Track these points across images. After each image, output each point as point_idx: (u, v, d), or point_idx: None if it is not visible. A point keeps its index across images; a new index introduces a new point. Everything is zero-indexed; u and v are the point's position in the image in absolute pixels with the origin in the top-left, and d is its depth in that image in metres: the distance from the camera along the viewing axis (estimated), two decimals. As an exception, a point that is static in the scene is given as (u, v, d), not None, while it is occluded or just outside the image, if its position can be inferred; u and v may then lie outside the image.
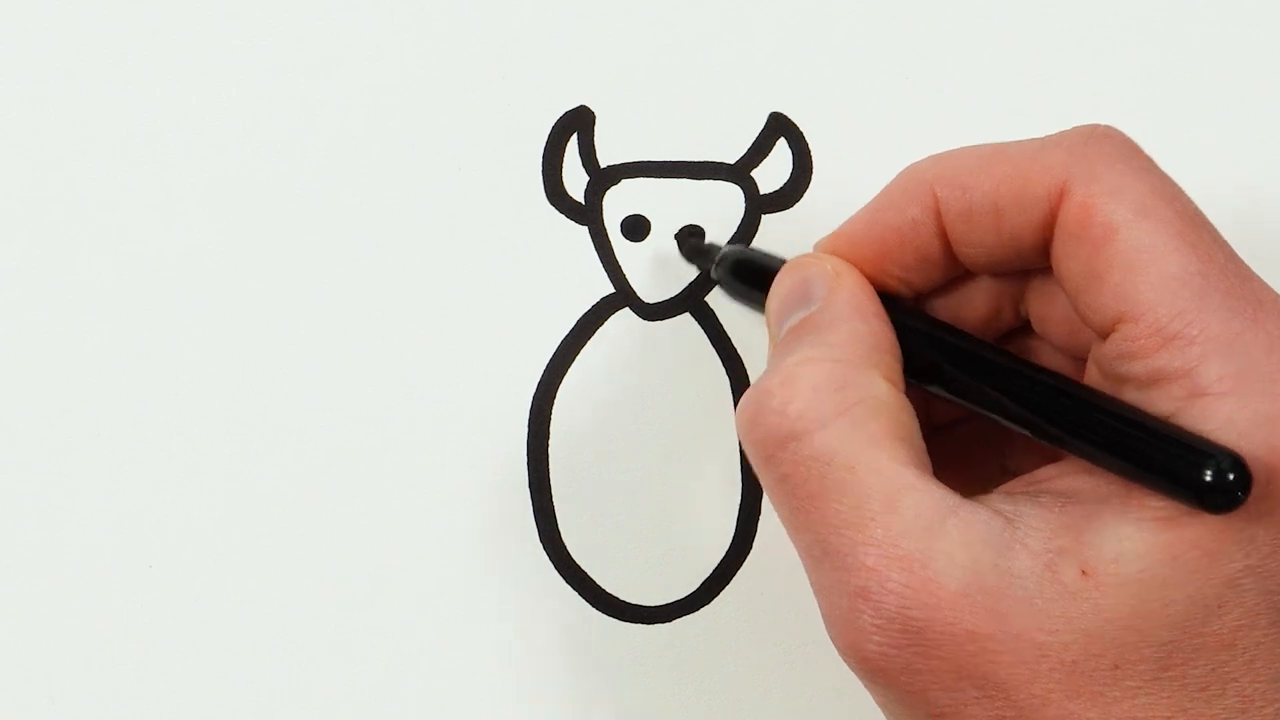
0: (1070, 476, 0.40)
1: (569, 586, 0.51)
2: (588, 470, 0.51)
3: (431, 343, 0.51)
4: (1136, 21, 0.52)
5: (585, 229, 0.52)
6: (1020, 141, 0.41)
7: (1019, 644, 0.37)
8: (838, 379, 0.40)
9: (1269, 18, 0.52)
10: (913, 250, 0.42)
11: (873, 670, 0.39)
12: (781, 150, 0.52)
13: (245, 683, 0.51)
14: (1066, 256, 0.40)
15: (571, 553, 0.51)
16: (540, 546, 0.51)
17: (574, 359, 0.51)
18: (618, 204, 0.52)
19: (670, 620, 0.51)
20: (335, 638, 0.51)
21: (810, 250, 0.44)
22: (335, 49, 0.52)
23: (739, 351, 0.51)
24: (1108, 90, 0.52)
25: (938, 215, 0.42)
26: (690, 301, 0.52)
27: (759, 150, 0.52)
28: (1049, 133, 0.41)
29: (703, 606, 0.51)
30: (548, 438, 0.51)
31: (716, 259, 0.48)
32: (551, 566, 0.51)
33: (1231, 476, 0.36)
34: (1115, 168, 0.40)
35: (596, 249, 0.52)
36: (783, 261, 0.44)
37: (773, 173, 0.52)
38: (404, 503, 0.51)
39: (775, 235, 0.52)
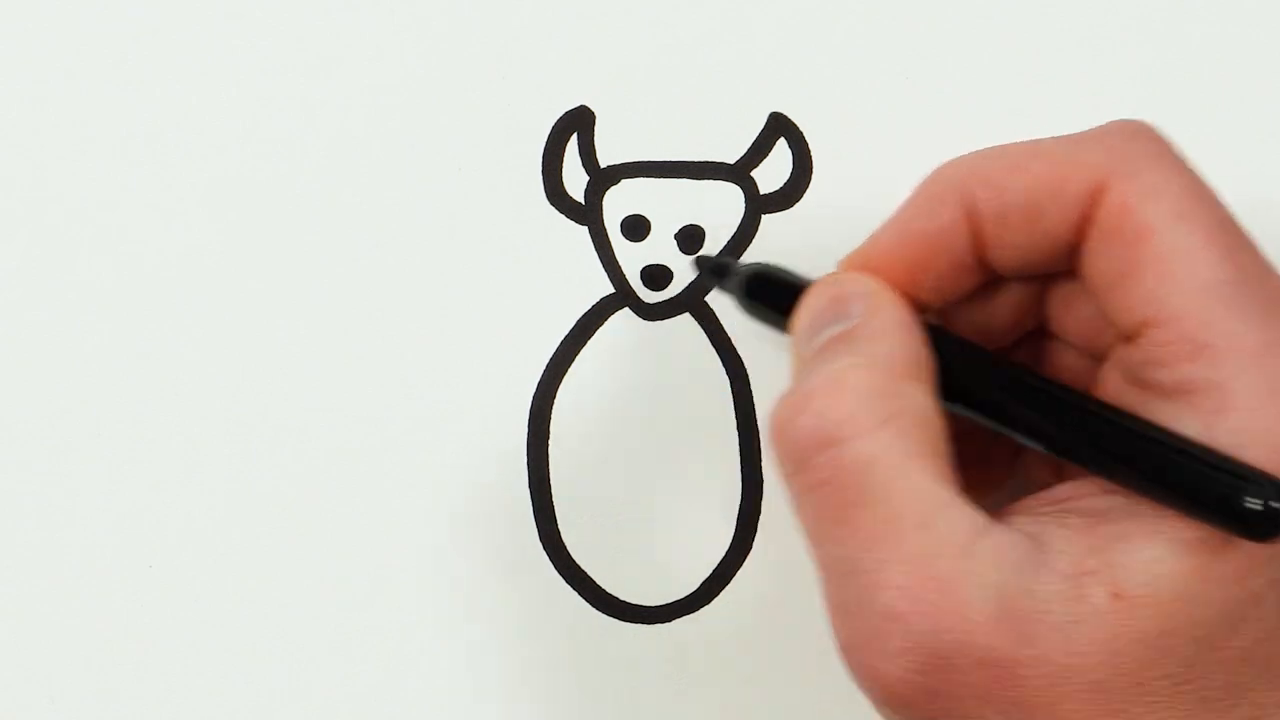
0: (1093, 496, 0.39)
1: (569, 586, 0.51)
2: (588, 470, 0.51)
3: (431, 343, 0.51)
4: (1136, 21, 0.52)
5: (585, 229, 0.52)
6: (1054, 139, 0.41)
7: (1046, 668, 0.37)
8: (883, 387, 0.39)
9: (1269, 18, 0.52)
10: (946, 257, 0.41)
11: (892, 695, 0.38)
12: (781, 150, 0.52)
13: (245, 683, 0.51)
14: (1099, 255, 0.39)
15: (571, 553, 0.51)
16: (540, 546, 0.51)
17: (574, 359, 0.51)
18: (618, 204, 0.52)
19: (670, 620, 0.51)
20: (335, 638, 0.51)
21: (832, 266, 0.43)
22: (335, 49, 0.52)
23: (739, 351, 0.51)
24: (1108, 90, 0.52)
25: (971, 218, 0.41)
26: (690, 301, 0.52)
27: (759, 150, 0.52)
28: (1048, 133, 0.41)
29: (703, 606, 0.51)
30: (548, 438, 0.51)
31: (734, 274, 0.46)
32: (551, 566, 0.51)
33: (1276, 504, 0.35)
34: (1154, 166, 0.39)
35: (596, 249, 0.52)
36: (804, 280, 0.43)
37: (773, 173, 0.52)
38: (404, 503, 0.51)
39: (775, 235, 0.52)
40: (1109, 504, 0.39)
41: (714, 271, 0.48)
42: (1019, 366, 0.42)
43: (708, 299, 0.52)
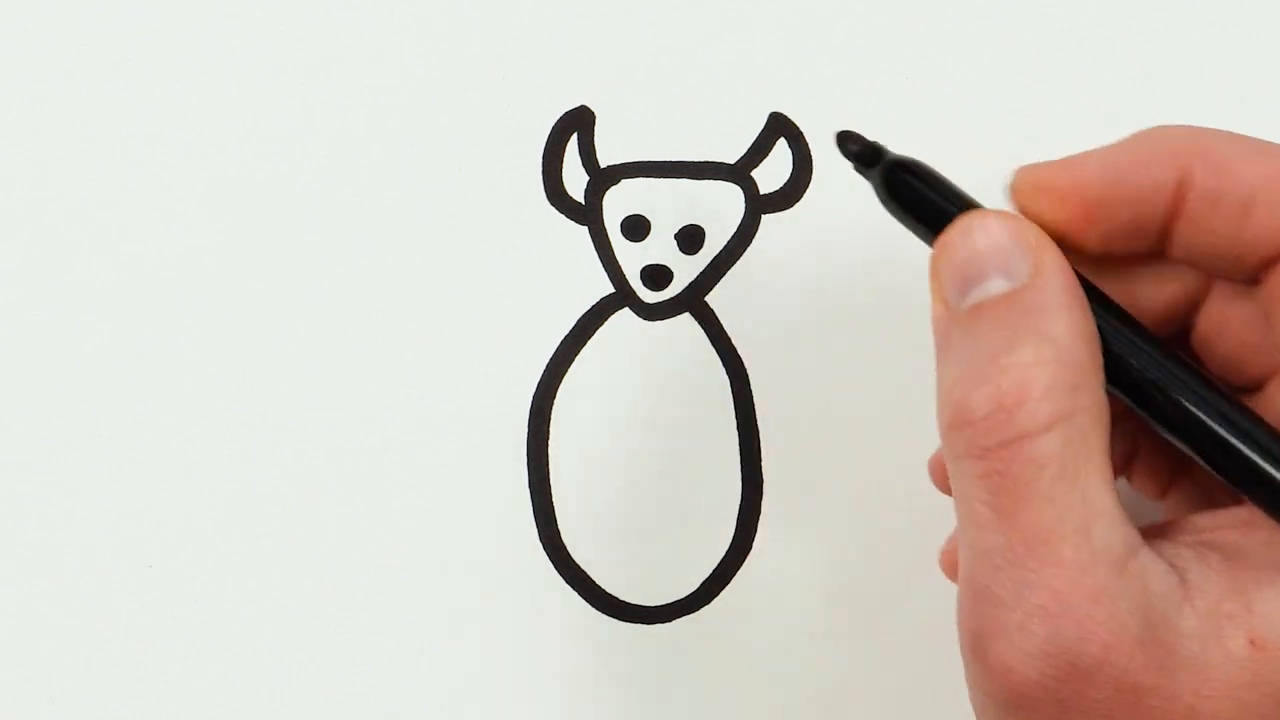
0: (1233, 530, 0.38)
1: (569, 586, 0.51)
2: (588, 471, 0.51)
3: (431, 343, 0.51)
4: (1136, 21, 0.52)
5: (585, 229, 0.52)
6: None
7: (1175, 703, 0.36)
8: (1069, 380, 0.36)
9: (1269, 18, 0.52)
10: (1134, 215, 0.38)
11: (1017, 695, 0.36)
12: (781, 150, 0.52)
13: (245, 683, 0.51)
14: None
15: (571, 553, 0.51)
16: (540, 546, 0.51)
17: (574, 359, 0.51)
18: (618, 204, 0.52)
19: (670, 620, 0.51)
20: (335, 638, 0.51)
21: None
22: (335, 49, 0.52)
23: (739, 351, 0.51)
24: (1108, 90, 0.52)
25: (1180, 187, 0.38)
26: (690, 301, 0.52)
27: (759, 150, 0.52)
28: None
29: (703, 606, 0.51)
30: (548, 438, 0.51)
31: (880, 163, 0.41)
32: (551, 566, 0.51)
33: None
34: None
35: (596, 249, 0.52)
36: (956, 192, 0.40)
37: (773, 173, 0.52)
38: (404, 503, 0.51)
39: (775, 235, 0.52)
40: (1248, 542, 0.37)
41: (858, 156, 0.41)
42: (1182, 358, 0.39)
43: (708, 299, 0.52)
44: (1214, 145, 0.38)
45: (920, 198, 0.40)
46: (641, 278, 0.52)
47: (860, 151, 0.41)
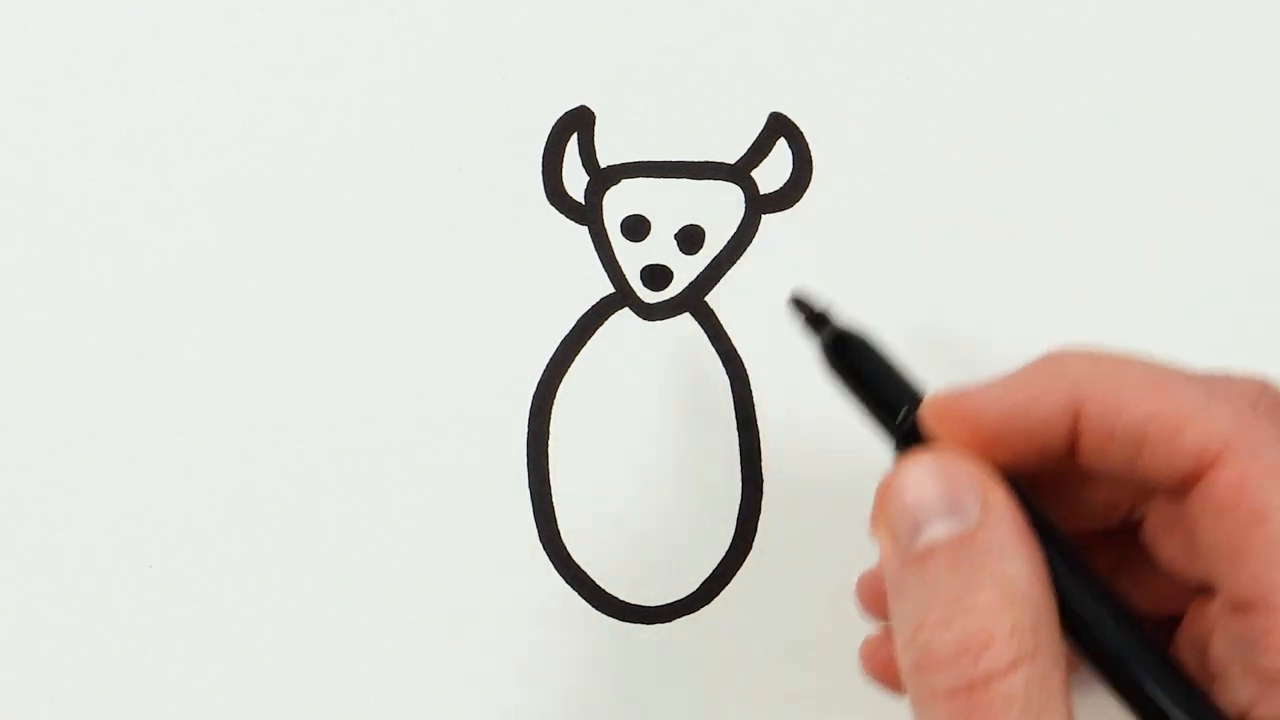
0: None
1: (569, 586, 0.51)
2: (588, 470, 0.51)
3: (431, 343, 0.51)
4: (1136, 21, 0.52)
5: (585, 229, 0.52)
6: (1185, 375, 0.39)
7: None
8: (1029, 619, 0.37)
9: (1269, 18, 0.52)
10: (1034, 443, 0.40)
11: None
12: (781, 150, 0.52)
13: (245, 683, 0.51)
14: (1206, 523, 0.38)
15: (571, 553, 0.51)
16: (540, 546, 0.51)
17: (574, 359, 0.51)
18: (618, 204, 0.52)
19: (670, 620, 0.51)
20: (335, 638, 0.51)
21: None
22: (335, 49, 0.52)
23: (739, 351, 0.51)
24: (1108, 90, 0.52)
25: (1074, 421, 0.39)
26: (690, 301, 0.52)
27: (759, 150, 0.52)
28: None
29: (703, 606, 0.51)
30: (548, 438, 0.51)
31: (824, 329, 0.43)
32: (551, 566, 0.51)
33: None
34: (1278, 445, 0.38)
35: (596, 249, 0.52)
36: (897, 374, 0.42)
37: (773, 173, 0.52)
38: (404, 503, 0.51)
39: (775, 235, 0.52)
40: None
41: (808, 318, 0.44)
42: (1113, 596, 0.40)
43: (708, 299, 0.52)
44: (1106, 380, 0.39)
45: (861, 370, 0.42)
46: (641, 278, 0.52)
47: (809, 315, 0.43)
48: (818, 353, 0.43)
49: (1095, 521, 0.43)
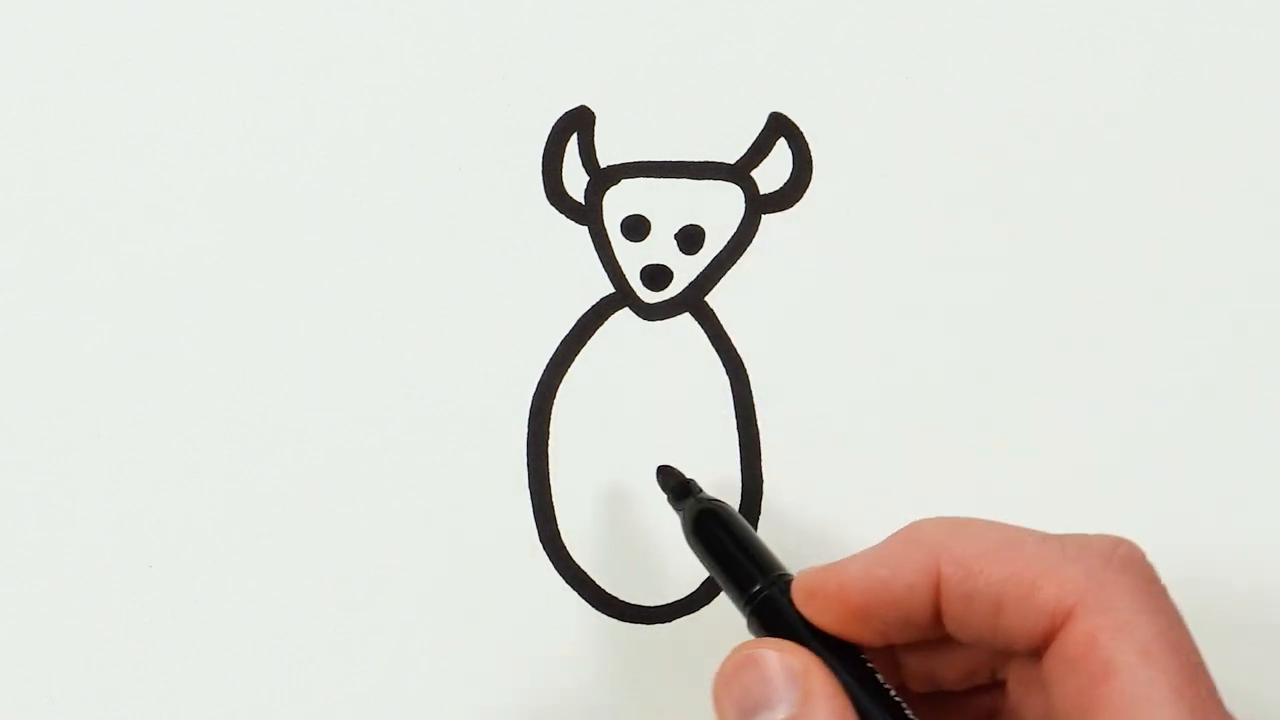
0: None
1: (569, 586, 0.51)
2: (588, 470, 0.51)
3: (431, 343, 0.51)
4: (1136, 21, 0.52)
5: (585, 229, 0.52)
6: (1039, 536, 0.40)
7: None
8: None
9: (1269, 18, 0.52)
10: (901, 614, 0.41)
11: None
12: (781, 150, 0.52)
13: (245, 683, 0.51)
14: (1059, 678, 0.39)
15: (571, 553, 0.51)
16: (540, 546, 0.51)
17: (574, 359, 0.51)
18: (618, 204, 0.52)
19: (670, 620, 0.51)
20: (335, 638, 0.51)
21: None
22: (335, 49, 0.52)
23: (739, 351, 0.51)
24: (1108, 90, 0.52)
25: (936, 587, 0.41)
26: (690, 301, 0.52)
27: (759, 150, 0.52)
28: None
29: (703, 606, 0.51)
30: (548, 438, 0.51)
31: (687, 502, 0.47)
32: (551, 566, 0.51)
33: None
34: (1128, 601, 0.39)
35: (596, 249, 0.52)
36: (754, 547, 0.44)
37: (773, 173, 0.52)
38: (404, 503, 0.51)
39: (775, 235, 0.52)
40: None
41: (673, 490, 0.48)
42: None
43: (708, 299, 0.52)
44: (962, 546, 0.40)
45: (720, 542, 0.45)
46: (641, 278, 0.52)
47: (674, 486, 0.47)
48: (682, 524, 0.46)
49: (964, 683, 0.44)
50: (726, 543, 0.45)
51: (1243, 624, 0.51)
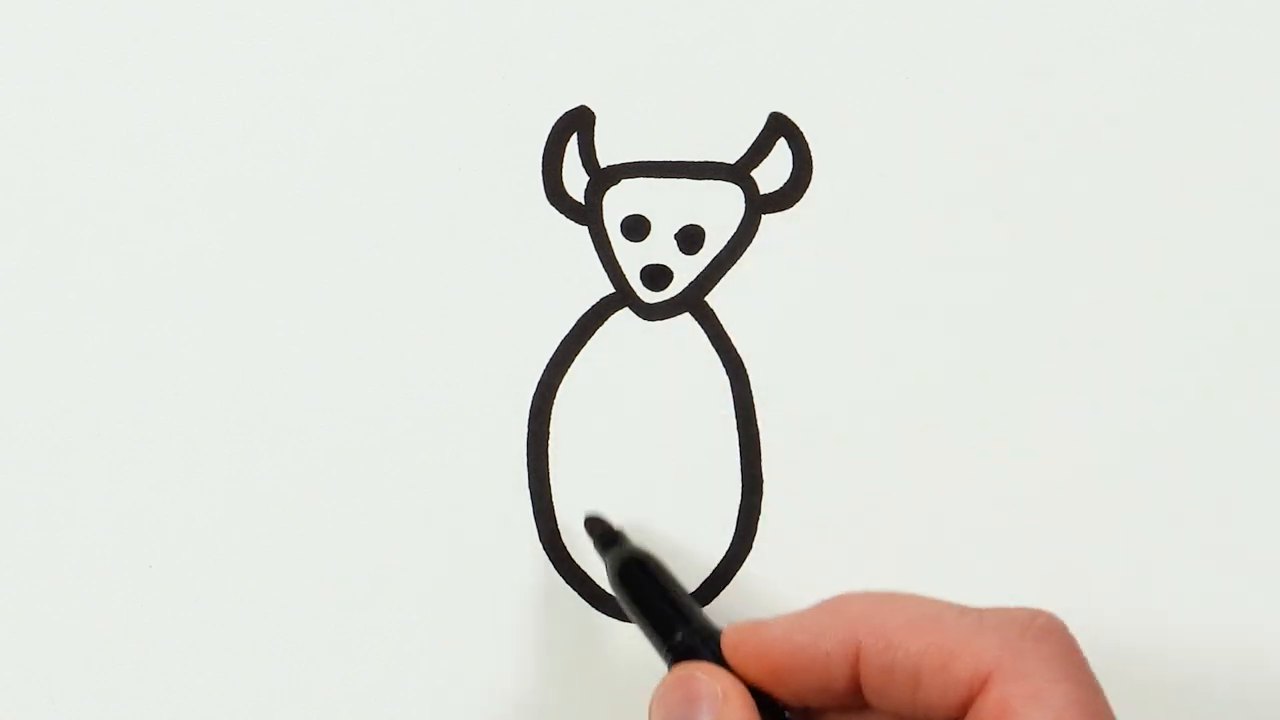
0: None
1: (569, 586, 0.51)
2: (588, 470, 0.51)
3: (431, 343, 0.51)
4: (1136, 21, 0.52)
5: (585, 229, 0.52)
6: (959, 609, 0.42)
7: None
8: None
9: (1269, 18, 0.52)
10: (819, 679, 0.42)
11: None
12: (781, 150, 0.52)
13: (245, 683, 0.51)
14: None
15: (571, 553, 0.51)
16: (540, 546, 0.51)
17: (574, 359, 0.51)
18: (618, 204, 0.52)
19: (670, 620, 0.51)
20: (335, 638, 0.51)
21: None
22: (335, 49, 0.52)
23: (739, 351, 0.51)
24: (1108, 90, 0.52)
25: (855, 658, 0.42)
26: (690, 301, 0.52)
27: (759, 150, 0.52)
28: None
29: (703, 607, 0.51)
30: (548, 438, 0.51)
31: (612, 551, 0.48)
32: (551, 566, 0.51)
33: None
34: (1043, 670, 0.40)
35: (596, 249, 0.52)
36: (675, 595, 0.46)
37: (773, 173, 0.52)
38: (404, 503, 0.51)
39: (775, 235, 0.52)
40: None
41: (599, 538, 0.49)
42: None
43: (708, 299, 0.52)
44: (883, 619, 0.42)
45: (644, 590, 0.46)
46: (641, 278, 0.52)
47: (601, 534, 0.48)
48: (607, 572, 0.47)
49: None
50: (650, 591, 0.46)
51: (1242, 631, 0.51)
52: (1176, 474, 0.51)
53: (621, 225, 0.52)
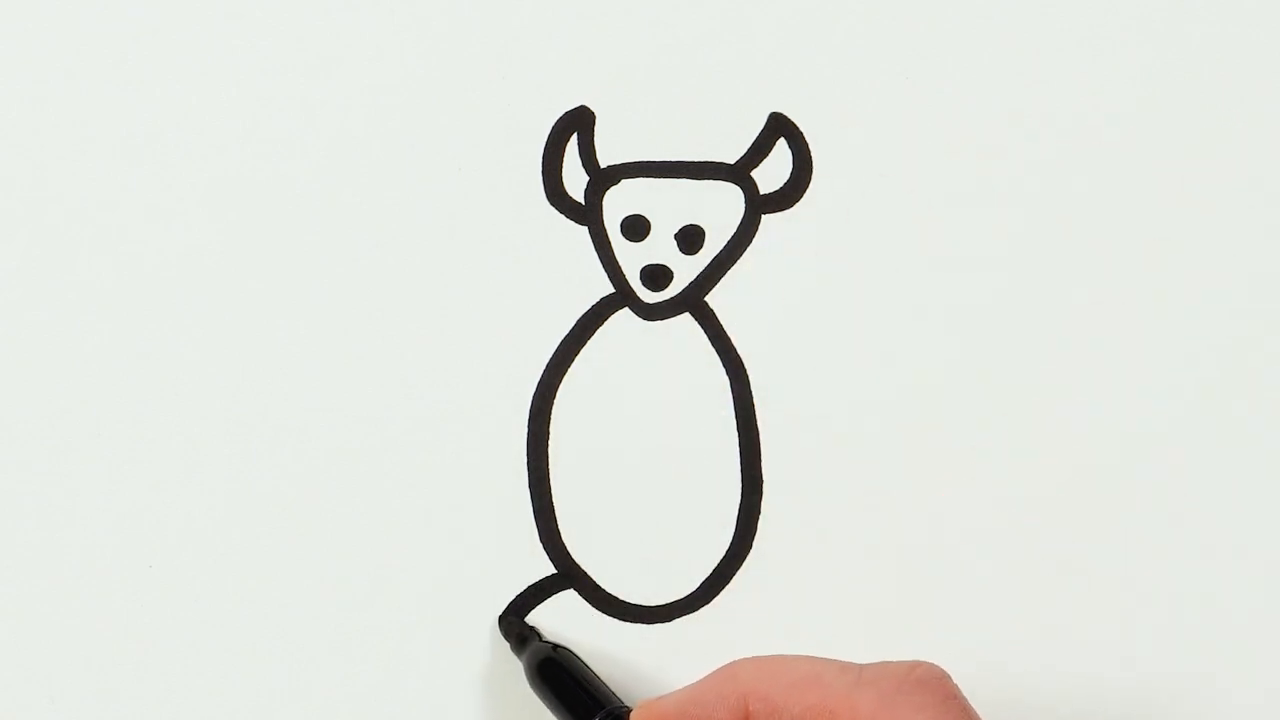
0: None
1: (569, 586, 0.51)
2: (588, 470, 0.51)
3: (431, 343, 0.51)
4: (1136, 21, 0.52)
5: (585, 229, 0.52)
6: (840, 666, 0.43)
7: None
8: None
9: (1269, 18, 0.52)
10: None
11: None
12: (781, 150, 0.52)
13: (245, 683, 0.51)
14: None
15: (571, 553, 0.51)
16: (540, 546, 0.51)
17: (574, 359, 0.51)
18: (618, 204, 0.52)
19: (670, 620, 0.51)
20: (335, 638, 0.51)
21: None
22: (335, 49, 0.52)
23: (739, 351, 0.51)
24: (1108, 90, 0.52)
25: None
26: (690, 301, 0.52)
27: (759, 150, 0.52)
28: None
29: (703, 606, 0.51)
30: (548, 438, 0.51)
31: (527, 649, 0.50)
32: (551, 566, 0.51)
33: None
34: (920, 719, 0.41)
35: (596, 249, 0.52)
36: (593, 686, 0.48)
37: (773, 173, 0.52)
38: (404, 503, 0.51)
39: (775, 235, 0.52)
40: None
41: (517, 637, 0.50)
42: None
43: (708, 299, 0.52)
44: (768, 684, 0.44)
45: (561, 683, 0.49)
46: (641, 278, 0.52)
47: (516, 634, 0.50)
48: (525, 669, 0.49)
49: None
50: (566, 683, 0.48)
51: (1244, 633, 0.51)
52: (1176, 474, 0.51)
53: (621, 225, 0.52)
